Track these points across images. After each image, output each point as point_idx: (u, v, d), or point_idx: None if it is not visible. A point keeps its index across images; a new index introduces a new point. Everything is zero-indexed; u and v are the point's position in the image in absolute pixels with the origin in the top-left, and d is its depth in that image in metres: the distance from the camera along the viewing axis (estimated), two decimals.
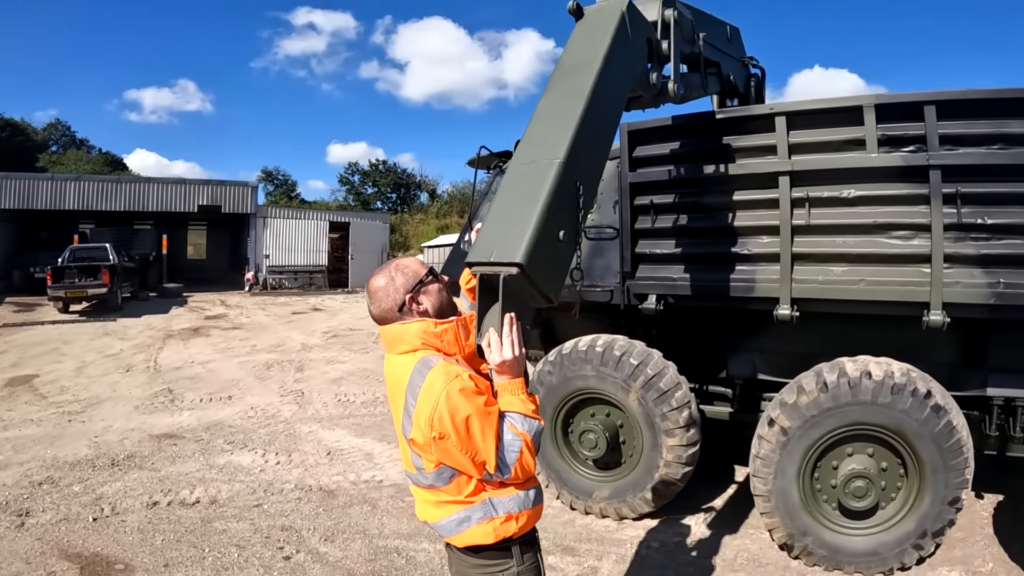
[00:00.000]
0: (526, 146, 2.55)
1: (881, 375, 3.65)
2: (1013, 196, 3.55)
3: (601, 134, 2.78)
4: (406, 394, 1.88)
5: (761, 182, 4.04)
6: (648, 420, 4.37)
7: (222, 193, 24.80)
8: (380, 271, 2.06)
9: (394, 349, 2.00)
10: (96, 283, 16.68)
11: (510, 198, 2.38)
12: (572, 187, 2.42)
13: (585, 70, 2.75)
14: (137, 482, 5.37)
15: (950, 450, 3.56)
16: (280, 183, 52.88)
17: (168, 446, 6.32)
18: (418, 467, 1.93)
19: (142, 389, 8.82)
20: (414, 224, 44.92)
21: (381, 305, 2.00)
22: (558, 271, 2.35)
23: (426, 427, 1.81)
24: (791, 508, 3.87)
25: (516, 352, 1.91)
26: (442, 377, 1.82)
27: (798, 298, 3.98)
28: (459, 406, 1.78)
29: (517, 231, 2.16)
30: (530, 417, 1.91)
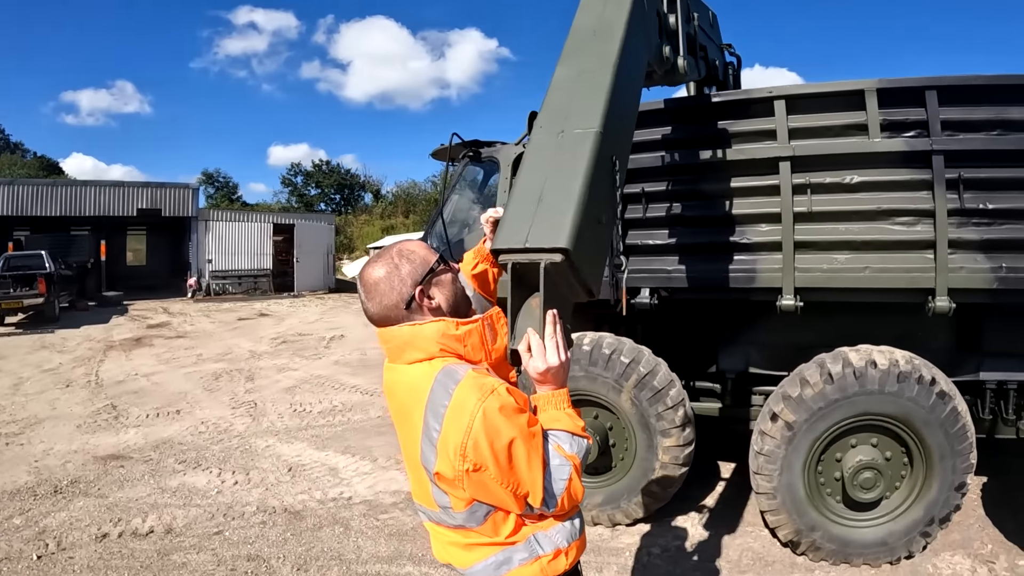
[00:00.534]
0: (551, 116, 2.16)
1: (886, 364, 3.51)
2: (1014, 181, 3.49)
3: (629, 107, 2.47)
4: (426, 415, 1.45)
5: (760, 168, 3.81)
6: (642, 421, 4.08)
7: (162, 196, 23.34)
8: (378, 258, 1.60)
9: (402, 357, 1.55)
10: (32, 293, 15.39)
11: (541, 173, 1.95)
12: (609, 162, 2.06)
13: (607, 36, 2.43)
14: (84, 511, 4.75)
15: (956, 435, 3.48)
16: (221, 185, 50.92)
17: (115, 468, 5.67)
18: (443, 505, 1.52)
19: (84, 406, 8.02)
20: (359, 225, 43.91)
21: (383, 301, 1.55)
22: (600, 258, 2.00)
23: (457, 458, 1.40)
24: (798, 504, 3.68)
25: (562, 357, 1.54)
26: (474, 393, 1.41)
27: (801, 287, 3.77)
28: (499, 429, 1.39)
29: (557, 211, 1.77)
30: (578, 436, 1.54)
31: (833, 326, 3.99)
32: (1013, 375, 3.85)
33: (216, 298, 23.17)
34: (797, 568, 3.74)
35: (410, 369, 1.54)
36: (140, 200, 22.91)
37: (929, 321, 3.65)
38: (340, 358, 11.16)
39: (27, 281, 15.58)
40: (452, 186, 5.26)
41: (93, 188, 22.75)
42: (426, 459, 1.48)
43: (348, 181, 51.72)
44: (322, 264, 27.27)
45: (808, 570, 3.72)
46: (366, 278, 1.58)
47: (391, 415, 1.65)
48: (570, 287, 1.77)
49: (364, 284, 1.58)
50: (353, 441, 6.38)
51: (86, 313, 18.37)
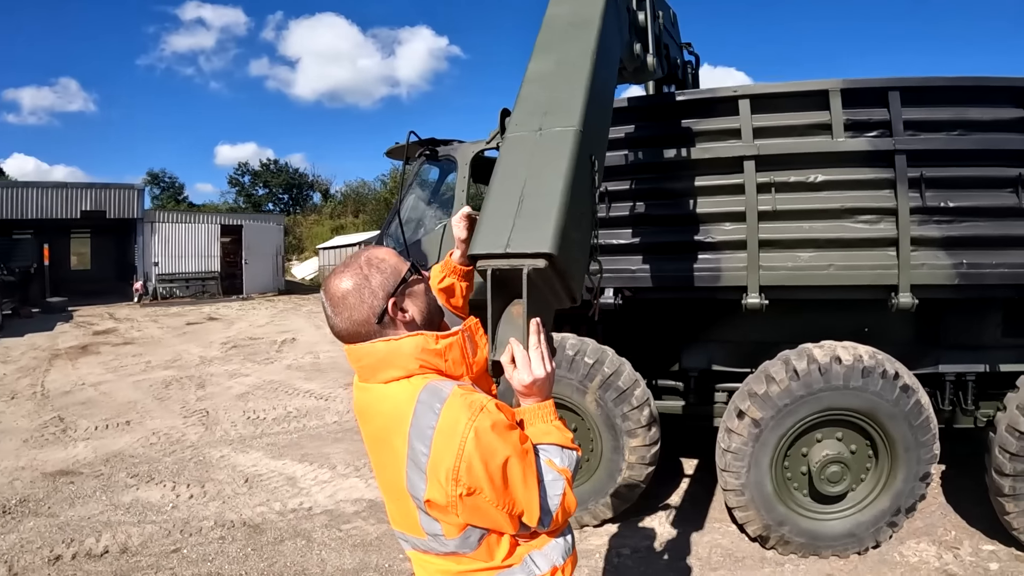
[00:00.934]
0: (528, 112, 2.02)
1: (851, 359, 3.52)
2: (974, 180, 3.56)
3: (606, 103, 2.36)
4: (410, 439, 1.31)
5: (725, 167, 3.78)
6: (608, 422, 4.00)
7: (107, 197, 22.17)
8: (344, 269, 1.44)
9: (377, 376, 1.41)
10: None
11: (520, 173, 1.82)
12: (588, 161, 1.94)
13: (583, 29, 2.31)
14: (34, 532, 4.42)
15: (920, 427, 3.52)
16: (167, 186, 49.01)
17: (64, 485, 5.31)
18: (433, 533, 1.38)
19: (30, 419, 7.52)
20: (308, 225, 42.83)
21: (352, 316, 1.40)
22: (582, 262, 1.89)
23: (449, 483, 1.28)
24: (766, 499, 3.68)
25: (548, 368, 1.45)
26: (464, 412, 1.29)
27: (766, 286, 3.75)
28: (493, 448, 1.28)
29: (540, 213, 1.65)
30: (568, 448, 1.45)
31: (794, 323, 3.98)
32: (971, 367, 3.93)
33: (163, 302, 22.25)
34: (767, 562, 3.72)
35: (388, 389, 1.39)
36: (84, 202, 21.73)
37: (888, 316, 3.69)
38: (293, 362, 10.82)
39: None
40: (408, 185, 5.08)
41: (35, 190, 21.41)
42: (413, 486, 1.34)
43: (296, 181, 50.43)
44: (271, 265, 26.47)
45: (778, 564, 3.70)
46: (332, 291, 1.42)
47: (364, 440, 1.49)
48: (553, 293, 1.66)
49: (330, 297, 1.42)
50: (310, 448, 6.14)
51: (30, 320, 17.37)
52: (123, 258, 25.74)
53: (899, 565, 3.65)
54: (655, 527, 4.23)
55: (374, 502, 4.82)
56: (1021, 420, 3.38)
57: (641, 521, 4.30)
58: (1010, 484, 3.42)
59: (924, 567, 3.63)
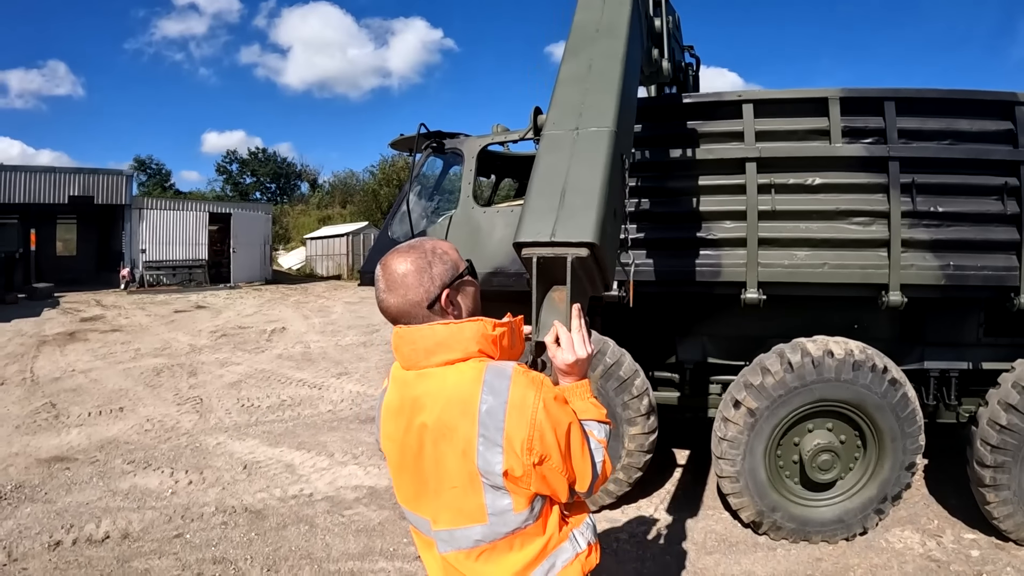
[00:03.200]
0: (564, 112, 2.14)
1: (842, 353, 3.61)
2: (963, 187, 3.68)
3: (632, 105, 2.45)
4: (481, 416, 1.33)
5: (727, 168, 3.85)
6: (609, 410, 4.01)
7: (94, 183, 21.69)
8: (408, 252, 1.46)
9: (432, 358, 1.41)
10: None
11: (560, 169, 1.94)
12: (620, 160, 2.07)
13: (612, 33, 2.41)
14: (32, 518, 4.34)
15: (907, 419, 3.62)
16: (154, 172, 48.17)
17: (60, 471, 5.22)
18: (499, 512, 1.38)
19: (20, 405, 7.37)
20: (295, 215, 42.34)
21: (407, 295, 1.42)
22: (615, 252, 2.03)
23: (524, 452, 1.33)
24: (760, 486, 3.76)
25: (589, 349, 1.56)
26: (531, 386, 1.35)
27: (764, 282, 3.83)
28: (559, 417, 1.37)
29: (582, 206, 1.78)
30: (604, 423, 1.55)
31: (786, 318, 4.07)
32: (954, 364, 4.05)
33: (150, 290, 21.89)
34: (759, 547, 3.80)
35: (448, 372, 1.40)
36: (71, 187, 21.24)
37: (877, 313, 3.81)
38: (283, 351, 10.72)
39: None
40: (413, 177, 5.05)
41: (22, 174, 20.87)
42: (487, 462, 1.34)
43: (284, 170, 49.88)
44: (259, 255, 26.15)
45: (770, 548, 3.79)
46: (393, 269, 1.44)
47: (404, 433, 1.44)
48: (590, 281, 1.77)
49: (389, 275, 1.44)
50: (305, 436, 6.10)
51: (15, 306, 16.97)
52: (109, 245, 25.22)
53: (885, 551, 3.75)
54: (651, 513, 4.29)
55: (375, 489, 4.81)
56: (1002, 415, 3.49)
57: (638, 507, 4.36)
58: (990, 475, 3.53)
59: (909, 553, 3.74)
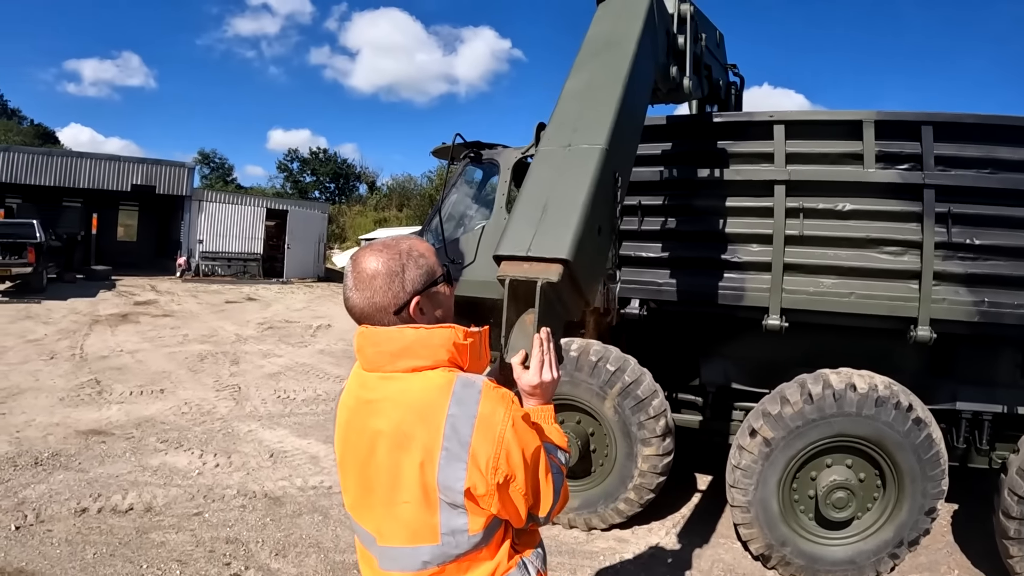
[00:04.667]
0: (560, 128, 2.22)
1: (865, 388, 3.57)
2: (1001, 219, 3.60)
3: (634, 122, 2.52)
4: (446, 428, 1.29)
5: (756, 189, 3.88)
6: (624, 429, 4.12)
7: (157, 173, 23.01)
8: (381, 251, 1.41)
9: (397, 363, 1.36)
10: (21, 262, 15.03)
11: (547, 185, 2.02)
12: (611, 177, 2.12)
13: (619, 50, 2.47)
14: (63, 485, 4.70)
15: (929, 461, 3.54)
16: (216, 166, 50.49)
17: (96, 444, 5.61)
18: (453, 531, 1.34)
19: (67, 379, 7.92)
20: (352, 216, 43.55)
21: (374, 298, 1.37)
22: (598, 270, 2.06)
23: (489, 471, 1.29)
24: (771, 519, 3.74)
25: (555, 374, 1.56)
26: (501, 402, 1.33)
27: (787, 308, 3.84)
28: (527, 438, 1.34)
29: (561, 222, 1.84)
30: (563, 450, 1.54)
31: (812, 346, 4.05)
32: (988, 406, 3.94)
33: (204, 279, 22.95)
34: None
35: (413, 379, 1.35)
36: (135, 176, 22.57)
37: (908, 346, 3.74)
38: (325, 347, 11.10)
39: (16, 250, 15.18)
40: (451, 185, 5.27)
41: (89, 160, 22.33)
42: (448, 477, 1.30)
43: (344, 171, 51.45)
44: (313, 252, 27.01)
45: None
46: (364, 267, 1.39)
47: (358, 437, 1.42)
48: (564, 303, 1.80)
49: (359, 273, 1.39)
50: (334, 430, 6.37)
51: (73, 286, 18.10)
52: (168, 233, 26.58)
53: None
54: (661, 536, 4.32)
55: None
56: None
57: (650, 529, 4.39)
58: (1016, 527, 3.42)
59: None
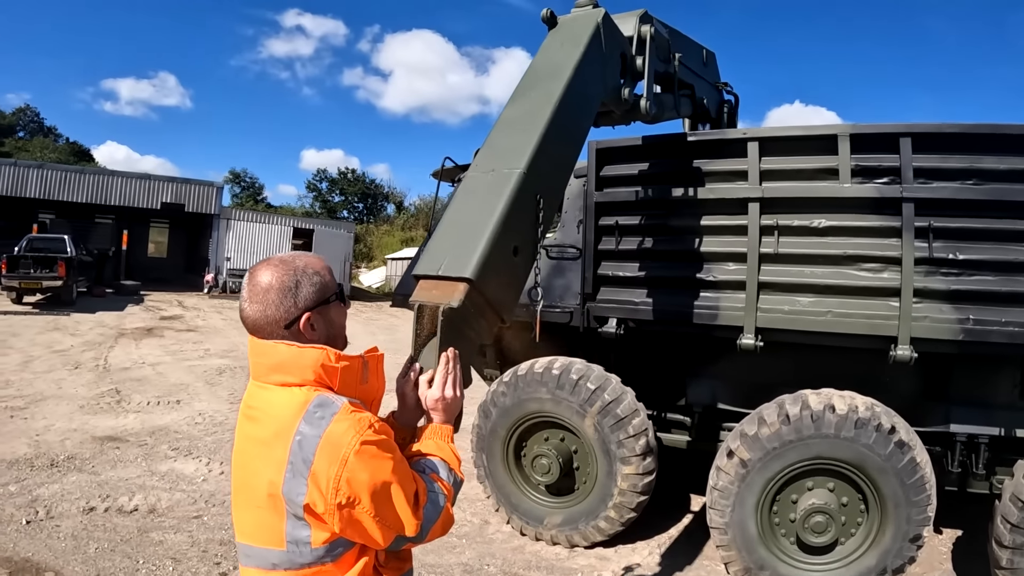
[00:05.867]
0: (486, 154, 2.39)
1: (845, 409, 3.56)
2: (986, 232, 3.53)
3: (567, 146, 2.64)
4: (293, 445, 1.37)
5: (730, 207, 3.95)
6: (604, 447, 4.22)
7: (187, 191, 24.10)
8: (277, 266, 1.48)
9: (271, 376, 1.46)
10: (52, 275, 15.94)
11: (464, 208, 2.21)
12: (532, 200, 2.27)
13: (555, 78, 2.61)
14: (75, 485, 5.06)
15: (913, 486, 3.49)
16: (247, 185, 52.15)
17: (110, 449, 5.99)
18: (296, 541, 1.40)
19: (88, 388, 8.39)
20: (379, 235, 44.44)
21: (266, 311, 1.45)
22: (512, 288, 2.19)
23: (330, 491, 1.34)
24: (748, 541, 3.75)
25: (456, 392, 1.67)
26: (352, 427, 1.37)
27: (763, 327, 3.88)
28: (376, 461, 1.37)
29: (469, 244, 2.00)
30: (455, 471, 1.61)
31: (800, 366, 4.07)
32: (984, 429, 3.84)
33: (231, 295, 23.75)
34: None
35: (279, 394, 1.44)
36: (165, 194, 23.65)
37: (898, 368, 3.69)
38: None
39: (47, 263, 16.10)
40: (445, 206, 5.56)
41: (120, 179, 23.52)
42: (291, 491, 1.37)
43: (372, 191, 52.64)
44: (338, 271, 27.63)
45: None
46: (258, 280, 1.47)
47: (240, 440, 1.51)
48: (472, 324, 1.93)
49: (253, 285, 1.47)
50: None
51: (102, 299, 18.96)
52: (197, 250, 27.64)
53: None
54: (644, 556, 4.39)
55: None
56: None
57: (634, 547, 4.47)
58: (1008, 557, 3.36)
59: None
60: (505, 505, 4.66)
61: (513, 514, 4.63)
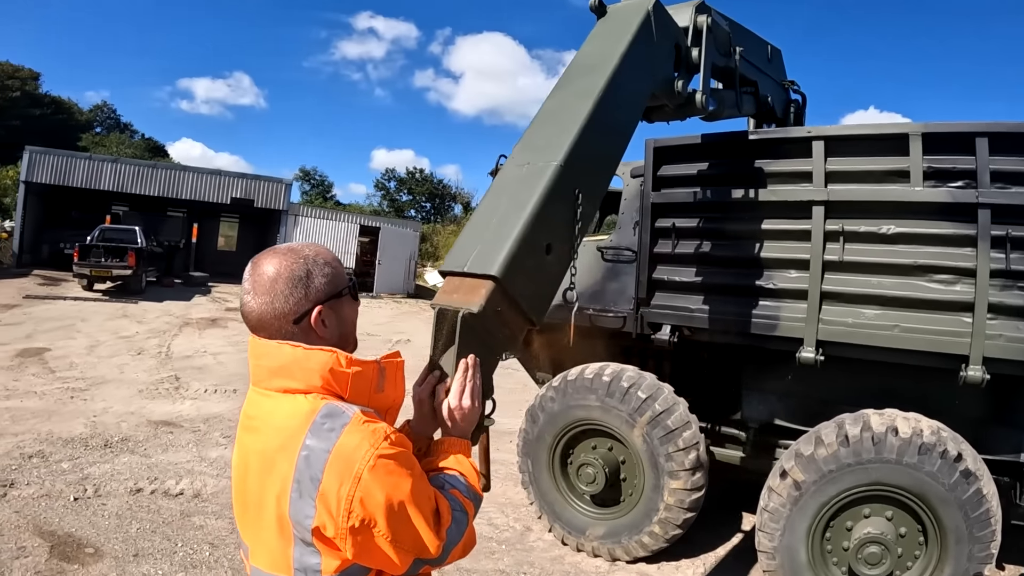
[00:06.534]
0: (522, 147, 2.30)
1: (908, 432, 3.37)
2: None
3: (611, 140, 2.55)
4: (299, 461, 1.24)
5: (793, 211, 3.81)
6: (652, 459, 4.12)
7: (256, 187, 25.07)
8: (285, 254, 1.37)
9: (272, 381, 1.33)
10: (121, 264, 16.94)
11: (496, 203, 2.09)
12: (570, 195, 2.16)
13: (599, 70, 2.54)
14: (126, 466, 5.29)
15: (977, 520, 3.28)
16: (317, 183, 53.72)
17: (164, 433, 6.25)
18: (304, 569, 1.28)
19: (149, 374, 8.80)
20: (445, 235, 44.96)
21: (274, 304, 1.32)
22: (544, 288, 2.06)
23: (341, 513, 1.21)
24: (797, 568, 3.59)
25: (474, 403, 1.56)
26: (365, 440, 1.24)
27: (824, 340, 3.71)
28: (394, 479, 1.25)
29: (498, 240, 1.90)
30: (473, 486, 1.50)
31: (864, 383, 3.89)
32: None
33: None
34: None
35: (282, 401, 1.32)
36: (235, 189, 24.67)
37: (969, 390, 3.47)
38: None
39: (118, 253, 17.14)
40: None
41: (191, 174, 24.71)
42: (298, 512, 1.25)
43: (440, 191, 53.43)
44: (404, 269, 28.27)
45: None
46: (263, 270, 1.34)
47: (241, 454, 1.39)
48: (493, 329, 1.79)
49: (257, 276, 1.34)
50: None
51: (170, 289, 19.91)
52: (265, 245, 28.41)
53: None
54: (689, 574, 4.27)
55: None
56: None
57: (677, 566, 4.35)
58: None
59: None
60: (548, 513, 4.62)
61: (555, 523, 4.58)
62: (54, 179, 22.24)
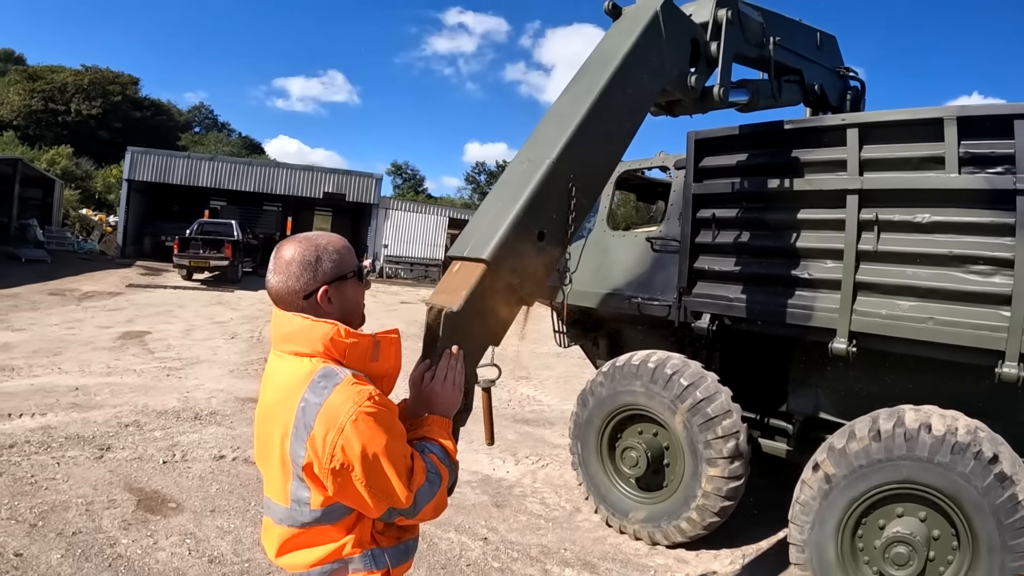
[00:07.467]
0: (527, 145, 2.57)
1: (943, 430, 3.30)
2: None
3: (613, 134, 2.73)
4: (297, 412, 1.56)
5: (828, 200, 3.83)
6: (692, 445, 4.28)
7: (348, 182, 26.52)
8: (301, 242, 1.70)
9: (285, 345, 1.66)
10: (219, 255, 18.55)
11: (497, 197, 2.40)
12: (563, 187, 2.41)
13: (603, 67, 2.73)
14: (212, 436, 5.94)
15: (1011, 528, 3.12)
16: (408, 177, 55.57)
17: (249, 409, 6.85)
18: (298, 500, 1.62)
19: (240, 356, 9.64)
20: None
21: (288, 282, 1.65)
22: (535, 271, 2.33)
23: (326, 455, 1.51)
24: (825, 565, 3.58)
25: (450, 387, 1.85)
26: (350, 397, 1.54)
27: (857, 332, 3.73)
28: (371, 433, 1.53)
29: (493, 228, 2.20)
30: (450, 455, 1.77)
31: (907, 378, 3.88)
32: None
33: (387, 280, 25.79)
34: None
35: (288, 361, 1.64)
36: (327, 184, 26.23)
37: (1003, 386, 3.35)
38: None
39: (216, 245, 18.79)
40: None
41: (285, 170, 26.56)
42: (294, 452, 1.57)
43: None
44: None
45: None
46: (283, 254, 1.67)
47: (260, 402, 1.74)
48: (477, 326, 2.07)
49: (278, 259, 1.67)
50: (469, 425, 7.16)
51: None
52: (358, 237, 30.16)
53: None
54: (725, 565, 4.38)
55: (489, 478, 5.60)
56: None
57: (716, 555, 4.47)
58: None
59: None
60: (595, 495, 4.86)
61: (601, 504, 4.82)
62: (155, 177, 24.57)
